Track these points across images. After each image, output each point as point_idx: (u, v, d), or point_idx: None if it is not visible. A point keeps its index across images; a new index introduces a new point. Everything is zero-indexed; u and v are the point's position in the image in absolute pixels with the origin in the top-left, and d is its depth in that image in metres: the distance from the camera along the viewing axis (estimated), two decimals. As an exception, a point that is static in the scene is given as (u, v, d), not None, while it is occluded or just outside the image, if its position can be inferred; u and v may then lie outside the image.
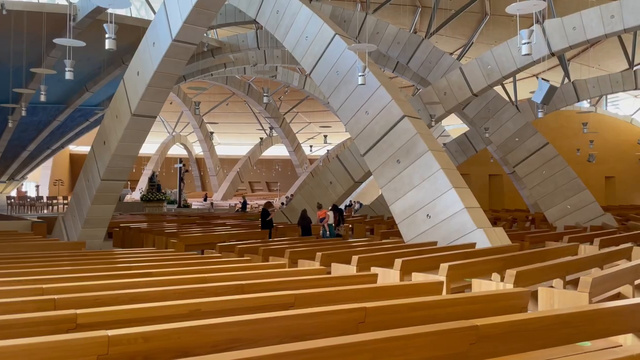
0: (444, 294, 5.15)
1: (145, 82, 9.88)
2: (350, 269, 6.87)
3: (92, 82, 25.38)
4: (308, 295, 3.83)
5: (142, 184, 48.94)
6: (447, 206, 10.49)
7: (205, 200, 40.16)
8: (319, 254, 7.35)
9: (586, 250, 9.45)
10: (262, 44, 25.54)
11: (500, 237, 10.19)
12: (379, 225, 17.43)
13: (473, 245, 9.41)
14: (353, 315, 3.16)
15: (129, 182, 50.72)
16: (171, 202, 30.12)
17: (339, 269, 7.01)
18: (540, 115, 17.38)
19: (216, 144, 62.02)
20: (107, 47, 7.12)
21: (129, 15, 24.37)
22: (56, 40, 8.48)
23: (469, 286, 5.94)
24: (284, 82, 35.97)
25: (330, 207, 12.77)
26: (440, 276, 5.75)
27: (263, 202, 37.57)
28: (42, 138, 27.06)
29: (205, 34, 27.82)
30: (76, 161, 59.10)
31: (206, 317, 3.23)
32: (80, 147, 57.80)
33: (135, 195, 42.99)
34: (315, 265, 7.34)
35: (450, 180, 10.53)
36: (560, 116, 31.72)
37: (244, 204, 26.83)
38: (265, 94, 25.88)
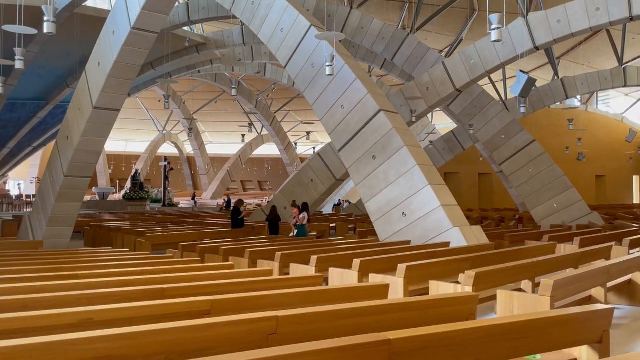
0: (399, 297, 4.72)
1: (106, 73, 9.40)
2: (309, 270, 6.44)
3: (72, 77, 24.80)
4: (228, 301, 3.39)
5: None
6: (423, 204, 10.08)
7: (193, 199, 39.60)
8: (278, 253, 6.91)
9: (565, 249, 9.05)
10: (247, 40, 25.04)
11: (477, 235, 9.78)
12: (362, 223, 17.01)
13: (447, 244, 9.00)
14: (262, 325, 2.73)
15: (118, 181, 50.17)
16: (156, 201, 29.60)
17: (297, 270, 6.58)
18: (522, 110, 16.99)
19: (207, 143, 61.54)
20: (45, 30, 6.65)
21: (107, 9, 23.82)
22: (5, 27, 7.99)
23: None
24: (273, 80, 35.48)
25: (300, 207, 12.33)
26: (398, 278, 5.33)
27: (254, 201, 36.96)
28: (22, 135, 26.47)
29: (189, 29, 27.32)
30: (66, 160, 58.42)
31: (97, 327, 2.78)
32: (70, 145, 57.22)
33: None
34: (275, 266, 6.90)
35: (426, 177, 10.12)
36: (551, 114, 31.44)
37: (228, 202, 26.34)
38: (233, 86, 25.29)
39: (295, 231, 11.71)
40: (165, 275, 4.70)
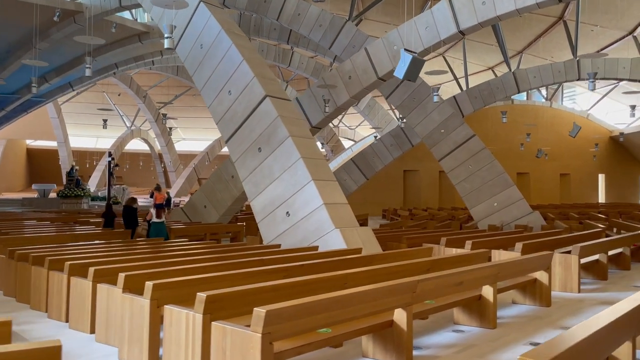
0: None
1: None
2: (87, 284, 5.19)
3: (1, 67, 23.33)
4: None
5: (95, 179, 46.99)
6: (307, 202, 8.87)
7: (151, 196, 38.08)
8: (67, 264, 5.65)
9: (457, 253, 7.87)
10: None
11: (363, 238, 8.57)
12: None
13: (315, 248, 7.79)
14: None
15: (80, 178, 48.61)
16: (101, 199, 28.13)
17: (77, 285, 5.32)
18: (435, 99, 15.81)
19: (179, 140, 59.99)
20: None
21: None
22: None
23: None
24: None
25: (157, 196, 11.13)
26: (145, 299, 4.09)
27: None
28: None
29: (132, 16, 25.83)
30: (34, 156, 56.69)
31: None
32: (39, 141, 55.45)
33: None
34: (63, 277, 5.65)
35: (310, 171, 8.90)
36: (514, 110, 30.45)
37: (168, 200, 24.98)
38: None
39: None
40: None
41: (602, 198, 32.77)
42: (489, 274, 5.00)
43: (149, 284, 4.06)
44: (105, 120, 30.70)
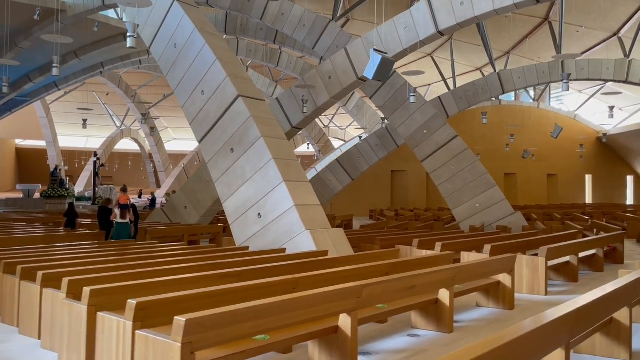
0: None
1: None
2: (35, 289, 5.07)
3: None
4: None
5: (84, 179, 46.66)
6: (278, 203, 8.78)
7: (139, 197, 37.88)
8: (18, 267, 5.52)
9: (427, 255, 7.80)
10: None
11: (334, 240, 8.49)
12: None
13: (283, 250, 7.70)
14: None
15: (68, 178, 48.31)
16: (86, 199, 27.91)
17: (26, 290, 5.20)
18: (412, 100, 15.76)
19: (170, 140, 59.67)
20: None
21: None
22: None
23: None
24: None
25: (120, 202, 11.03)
26: (82, 305, 3.98)
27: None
28: None
29: (118, 16, 25.63)
30: (24, 155, 56.30)
31: None
32: (28, 141, 55.02)
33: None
34: (15, 281, 5.52)
35: (282, 172, 8.81)
36: (501, 111, 30.52)
37: (153, 200, 24.83)
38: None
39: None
40: None
41: (589, 199, 32.90)
42: (444, 278, 4.92)
43: (86, 290, 3.95)
44: (85, 120, 30.36)
